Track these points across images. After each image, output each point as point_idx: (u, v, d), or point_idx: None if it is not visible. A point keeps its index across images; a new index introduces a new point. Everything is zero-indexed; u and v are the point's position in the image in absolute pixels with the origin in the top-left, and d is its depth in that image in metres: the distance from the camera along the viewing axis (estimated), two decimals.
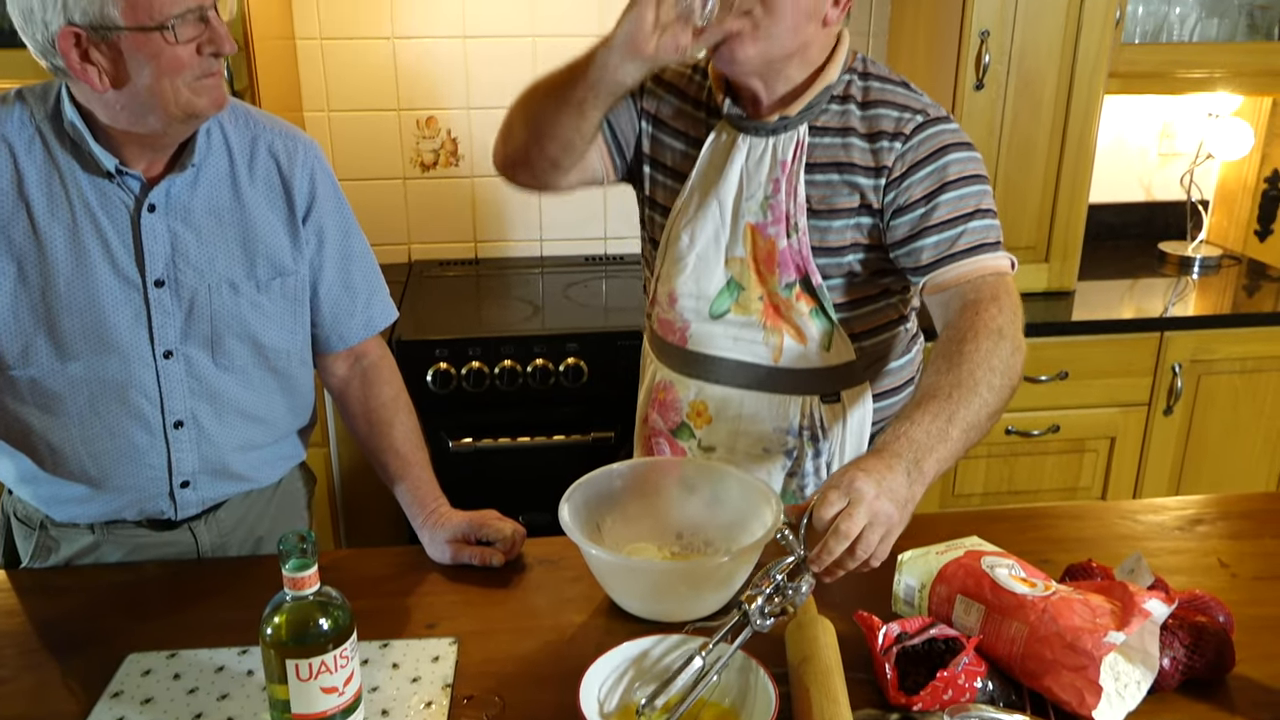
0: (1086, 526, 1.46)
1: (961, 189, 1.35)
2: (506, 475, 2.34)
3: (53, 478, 1.36)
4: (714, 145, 1.46)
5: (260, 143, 1.36)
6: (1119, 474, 2.55)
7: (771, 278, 1.45)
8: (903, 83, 1.43)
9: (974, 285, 1.33)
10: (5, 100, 1.27)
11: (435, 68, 2.66)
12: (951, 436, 1.17)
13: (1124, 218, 3.00)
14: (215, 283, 1.32)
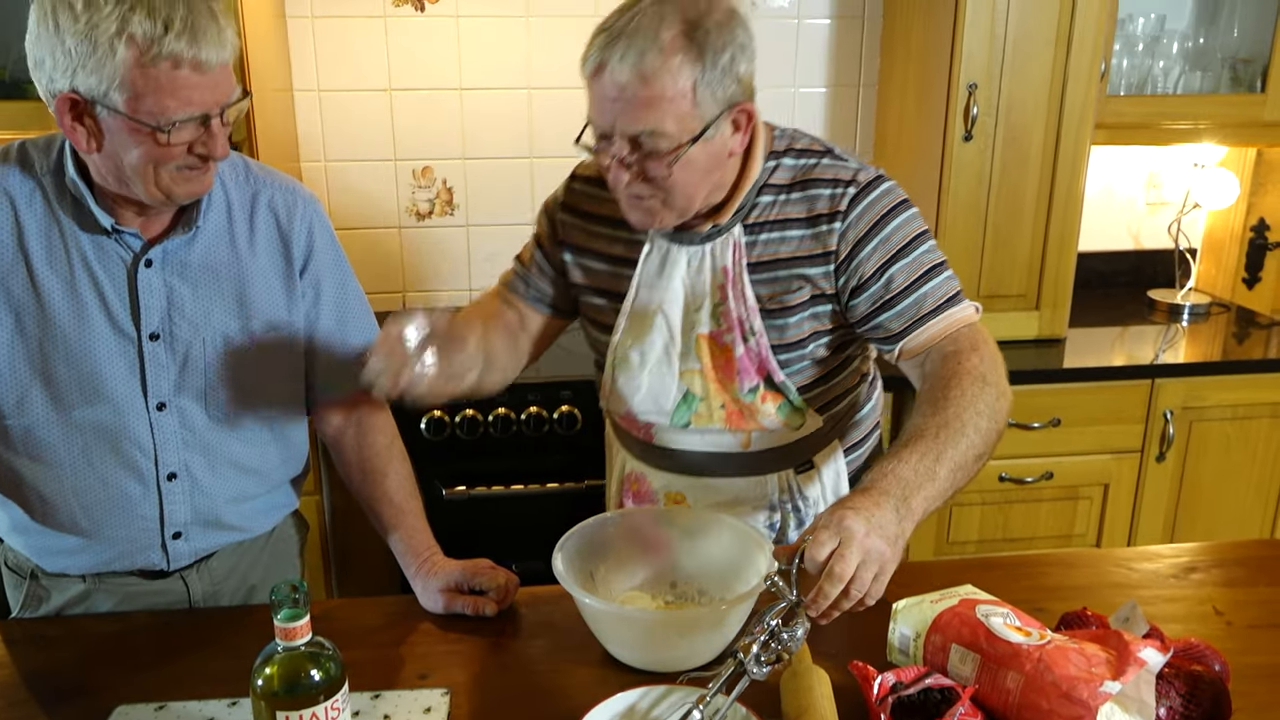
0: (1081, 574, 1.46)
1: (911, 252, 1.34)
2: (500, 523, 2.33)
3: (44, 528, 1.36)
4: (648, 261, 1.42)
5: (260, 198, 1.37)
6: (1113, 521, 2.55)
7: (732, 385, 1.42)
8: (826, 150, 1.39)
9: (951, 339, 1.33)
10: (8, 153, 1.29)
11: (431, 119, 2.69)
12: (939, 475, 1.16)
13: (1113, 266, 3.03)
14: (210, 336, 1.33)
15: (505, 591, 1.36)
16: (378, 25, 2.60)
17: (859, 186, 1.34)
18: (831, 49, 2.77)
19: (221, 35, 1.15)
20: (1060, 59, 2.33)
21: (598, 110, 1.24)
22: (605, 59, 1.20)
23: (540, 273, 1.53)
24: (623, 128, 1.22)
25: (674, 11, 1.20)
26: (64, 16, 1.10)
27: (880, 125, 2.80)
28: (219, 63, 1.16)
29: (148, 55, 1.11)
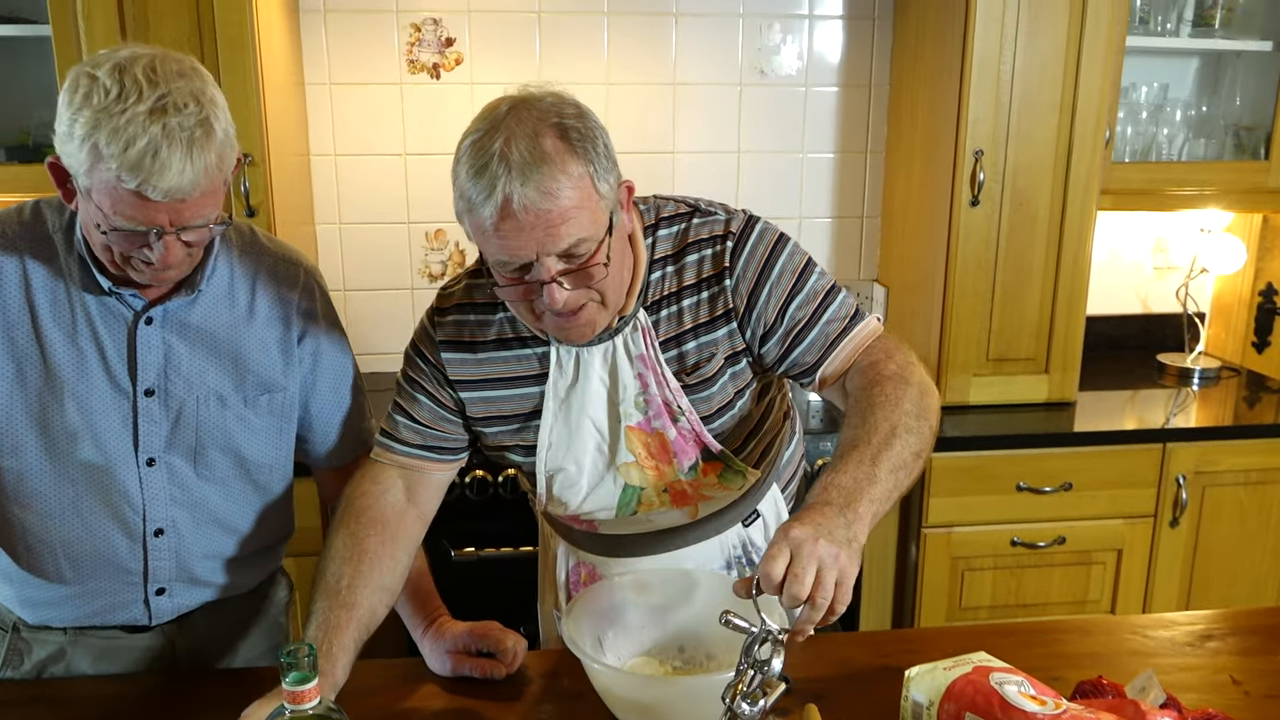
0: (1096, 642, 1.44)
1: (805, 285, 1.33)
2: (509, 585, 2.31)
3: (29, 577, 1.37)
4: (558, 372, 1.36)
5: (263, 266, 1.40)
6: (1127, 586, 2.52)
7: (670, 468, 1.39)
8: (693, 209, 1.36)
9: (866, 353, 1.34)
10: (22, 210, 1.33)
11: (444, 183, 2.69)
12: (879, 477, 1.16)
13: (1122, 329, 3.04)
14: (204, 395, 1.35)
15: (514, 654, 1.36)
16: (394, 92, 2.66)
17: (735, 237, 1.33)
18: (839, 116, 2.81)
19: (191, 167, 1.15)
20: (1065, 126, 2.37)
21: (515, 244, 1.16)
22: (508, 194, 1.13)
23: (435, 421, 1.40)
24: (548, 249, 1.17)
25: (537, 123, 1.16)
26: (69, 97, 1.16)
27: (888, 190, 2.84)
28: (174, 191, 1.15)
29: (99, 163, 1.13)
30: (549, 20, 2.66)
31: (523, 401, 1.38)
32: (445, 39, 2.64)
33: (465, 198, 1.18)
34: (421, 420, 1.40)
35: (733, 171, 2.80)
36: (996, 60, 2.31)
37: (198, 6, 2.09)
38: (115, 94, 1.13)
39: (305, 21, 2.59)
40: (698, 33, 2.71)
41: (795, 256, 1.35)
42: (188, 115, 1.15)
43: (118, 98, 1.13)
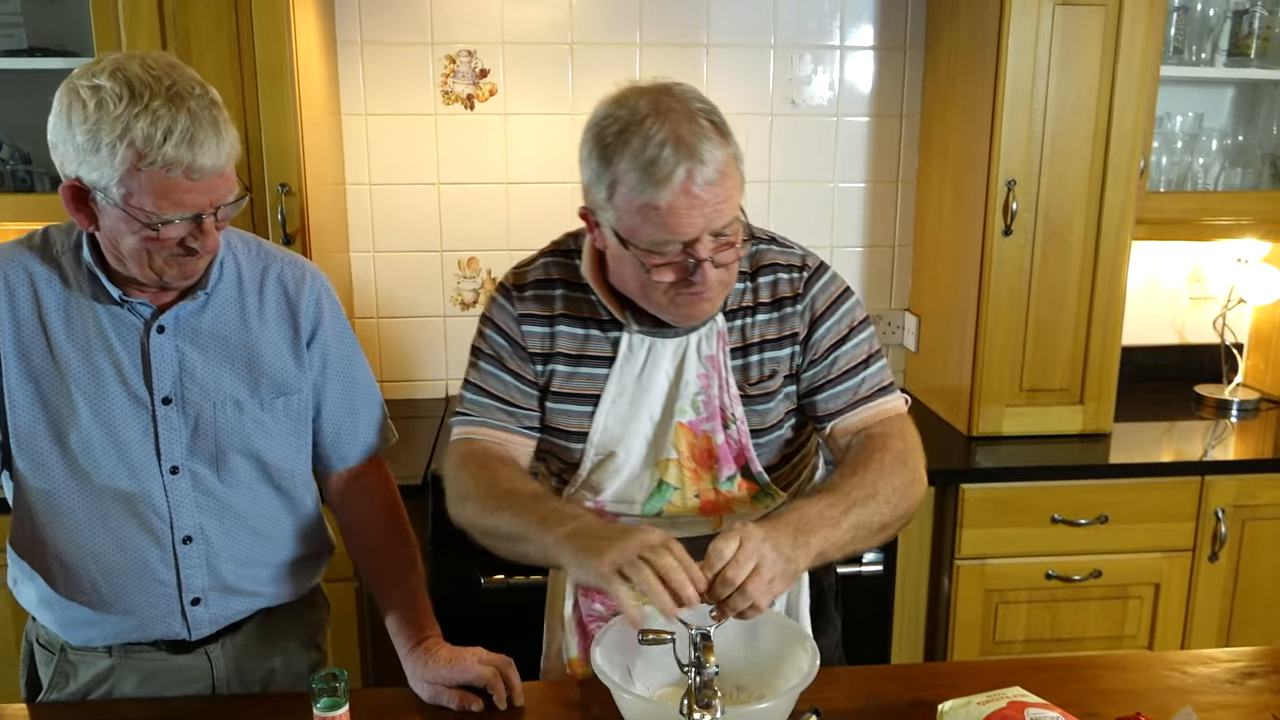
0: (1133, 678, 1.42)
1: (856, 337, 1.41)
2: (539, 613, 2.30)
3: (66, 599, 1.39)
4: (628, 357, 1.39)
5: (270, 271, 1.42)
6: (1165, 622, 2.47)
7: (708, 474, 1.42)
8: (770, 237, 1.44)
9: (880, 424, 1.39)
10: (32, 237, 1.37)
11: (477, 211, 2.76)
12: (841, 526, 1.23)
13: (1158, 360, 3.00)
14: (220, 400, 1.37)
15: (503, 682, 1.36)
16: (429, 122, 2.69)
17: (810, 270, 1.41)
18: (870, 145, 2.82)
19: (220, 144, 1.21)
20: (1099, 155, 2.35)
21: (685, 222, 1.21)
22: (690, 171, 1.19)
23: (522, 399, 1.42)
24: (713, 225, 1.23)
25: (688, 106, 1.24)
26: (76, 113, 1.18)
27: (919, 219, 2.83)
28: (214, 169, 1.21)
29: (144, 160, 1.17)
30: (581, 51, 2.69)
31: (588, 381, 1.41)
32: (479, 70, 2.68)
33: (628, 183, 1.21)
34: (511, 400, 1.43)
35: (764, 201, 2.80)
36: (1029, 90, 2.30)
37: (238, 39, 2.13)
38: (130, 93, 1.17)
39: (342, 53, 2.63)
40: (729, 63, 2.73)
41: (857, 310, 1.43)
42: (200, 97, 1.20)
43: (135, 96, 1.16)
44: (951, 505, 2.37)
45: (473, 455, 1.40)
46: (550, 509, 1.26)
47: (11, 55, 2.32)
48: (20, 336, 1.31)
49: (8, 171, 2.38)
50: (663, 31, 2.69)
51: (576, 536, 1.19)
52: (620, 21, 2.67)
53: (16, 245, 1.36)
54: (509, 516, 1.28)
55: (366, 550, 1.51)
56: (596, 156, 1.25)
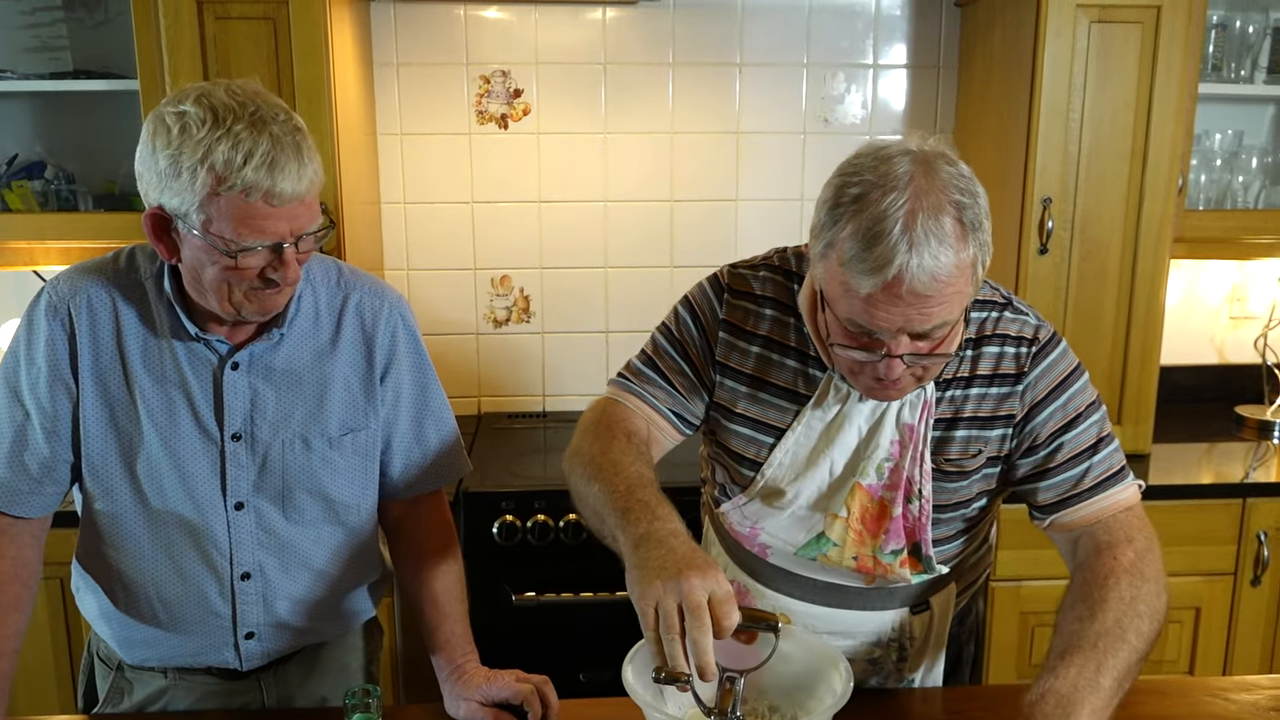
0: (1174, 705, 1.39)
1: (1084, 422, 1.30)
2: (569, 630, 2.30)
3: (126, 617, 1.40)
4: (824, 405, 1.32)
5: (350, 303, 1.41)
6: (1206, 647, 2.42)
7: (874, 541, 1.35)
8: (1006, 302, 1.33)
9: (1105, 525, 1.28)
10: (118, 257, 1.37)
11: (511, 229, 2.78)
12: (1103, 686, 1.11)
13: (1198, 380, 2.96)
14: (289, 438, 1.37)
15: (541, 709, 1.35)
16: (463, 142, 2.72)
17: (1039, 345, 1.30)
18: None
19: (302, 170, 1.19)
20: (1136, 173, 2.33)
21: (882, 317, 1.13)
22: (902, 271, 1.08)
23: (688, 388, 1.38)
24: (913, 328, 1.14)
25: (941, 196, 1.11)
26: (160, 139, 1.18)
27: None
28: (294, 196, 1.19)
29: (224, 184, 1.16)
30: (614, 71, 2.71)
31: (776, 412, 1.35)
32: (513, 90, 2.70)
33: (842, 253, 1.12)
34: (677, 384, 1.38)
35: (796, 220, 2.80)
36: (1065, 108, 2.29)
37: (277, 61, 2.16)
38: (214, 118, 1.17)
39: (379, 74, 2.67)
40: (762, 82, 2.74)
41: (1088, 391, 1.32)
42: (283, 123, 1.19)
43: (218, 121, 1.16)
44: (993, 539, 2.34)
45: (606, 417, 1.34)
46: (638, 501, 1.18)
47: (57, 78, 2.37)
48: (99, 362, 1.32)
49: (52, 191, 2.42)
50: (696, 51, 2.70)
51: (642, 544, 1.12)
52: (653, 41, 2.69)
53: (98, 267, 1.35)
54: (599, 490, 1.22)
55: (416, 572, 1.50)
56: (828, 208, 1.15)
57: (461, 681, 1.40)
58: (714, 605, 1.04)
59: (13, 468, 1.31)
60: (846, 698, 1.17)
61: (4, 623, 1.27)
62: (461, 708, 1.38)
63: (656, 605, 1.05)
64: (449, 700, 1.41)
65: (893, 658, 1.45)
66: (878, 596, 1.41)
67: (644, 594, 1.07)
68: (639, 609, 1.07)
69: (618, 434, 1.31)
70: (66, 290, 1.32)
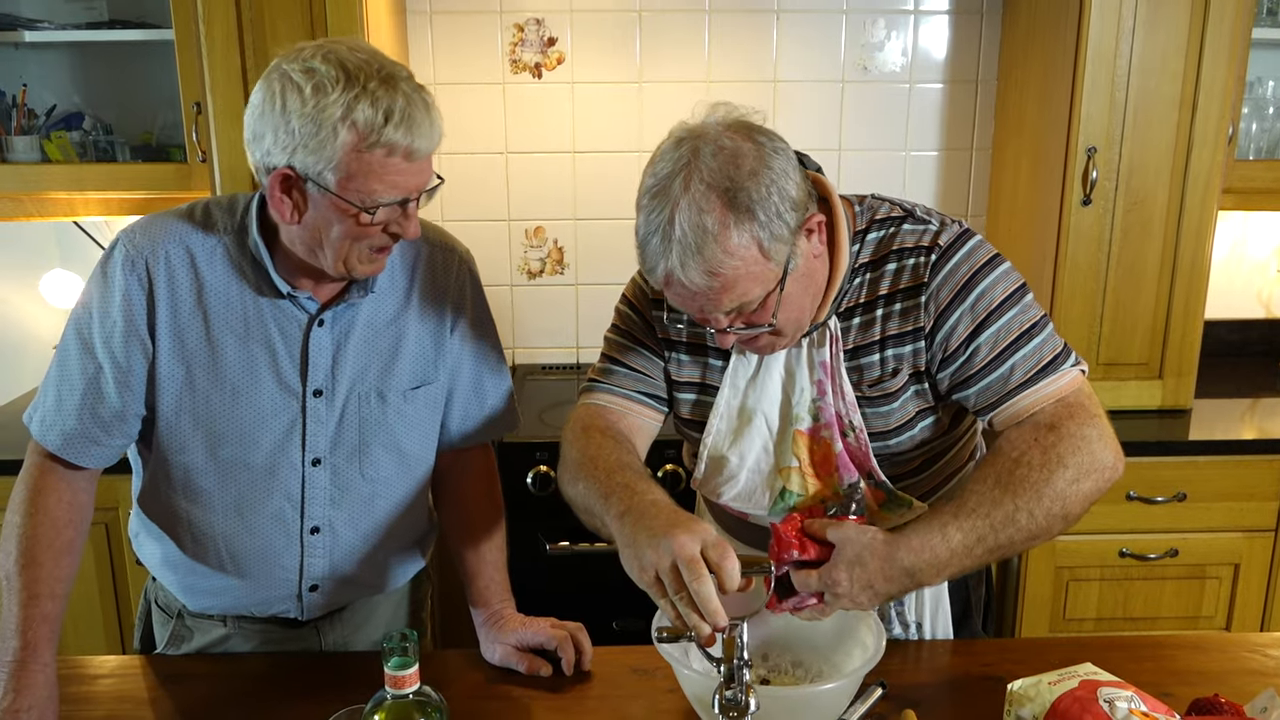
0: (1211, 659, 1.38)
1: (998, 320, 1.25)
2: (603, 579, 2.32)
3: (193, 566, 1.42)
4: (740, 359, 1.36)
5: (421, 257, 1.42)
6: (1244, 603, 2.40)
7: (831, 479, 1.36)
8: (906, 214, 1.31)
9: (1037, 415, 1.24)
10: (193, 211, 1.35)
11: (545, 181, 2.76)
12: (974, 555, 1.17)
13: (1243, 335, 2.90)
14: (365, 392, 1.37)
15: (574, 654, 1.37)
16: (496, 91, 2.70)
17: (940, 251, 1.26)
18: (944, 113, 2.75)
19: (432, 127, 1.21)
20: (1185, 122, 2.27)
21: (680, 303, 1.21)
22: (669, 271, 1.15)
23: (649, 368, 1.42)
24: (712, 311, 1.20)
25: (705, 189, 1.13)
26: (292, 99, 1.17)
27: (994, 189, 2.77)
28: (427, 152, 1.22)
29: (366, 142, 1.17)
30: (650, 19, 2.66)
31: (708, 373, 1.39)
32: (547, 39, 2.67)
33: (638, 247, 1.19)
34: (636, 366, 1.41)
35: (834, 169, 2.76)
36: (1112, 54, 2.22)
37: (310, 9, 2.15)
38: (346, 76, 1.16)
39: (412, 23, 2.65)
40: (799, 30, 2.68)
41: (1001, 284, 1.26)
42: (408, 80, 1.20)
43: (351, 79, 1.16)
44: None
45: (580, 423, 1.38)
46: (617, 484, 1.21)
47: (93, 28, 2.37)
48: (177, 318, 1.31)
49: (91, 142, 2.44)
50: None
51: (625, 520, 1.14)
52: None
53: (175, 221, 1.33)
54: (585, 486, 1.26)
55: (459, 520, 1.52)
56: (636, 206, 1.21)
57: (498, 626, 1.43)
58: (708, 554, 1.06)
59: (82, 419, 1.32)
60: (880, 654, 1.18)
61: (57, 565, 1.29)
62: (497, 651, 1.40)
63: (656, 573, 1.07)
64: (485, 645, 1.43)
65: (893, 603, 1.46)
66: None
67: (640, 566, 1.09)
68: (639, 582, 1.10)
69: (593, 432, 1.35)
70: (145, 244, 1.30)
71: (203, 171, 2.29)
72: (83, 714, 1.29)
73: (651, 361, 1.41)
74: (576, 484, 1.28)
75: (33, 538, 1.29)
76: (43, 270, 2.65)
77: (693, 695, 1.21)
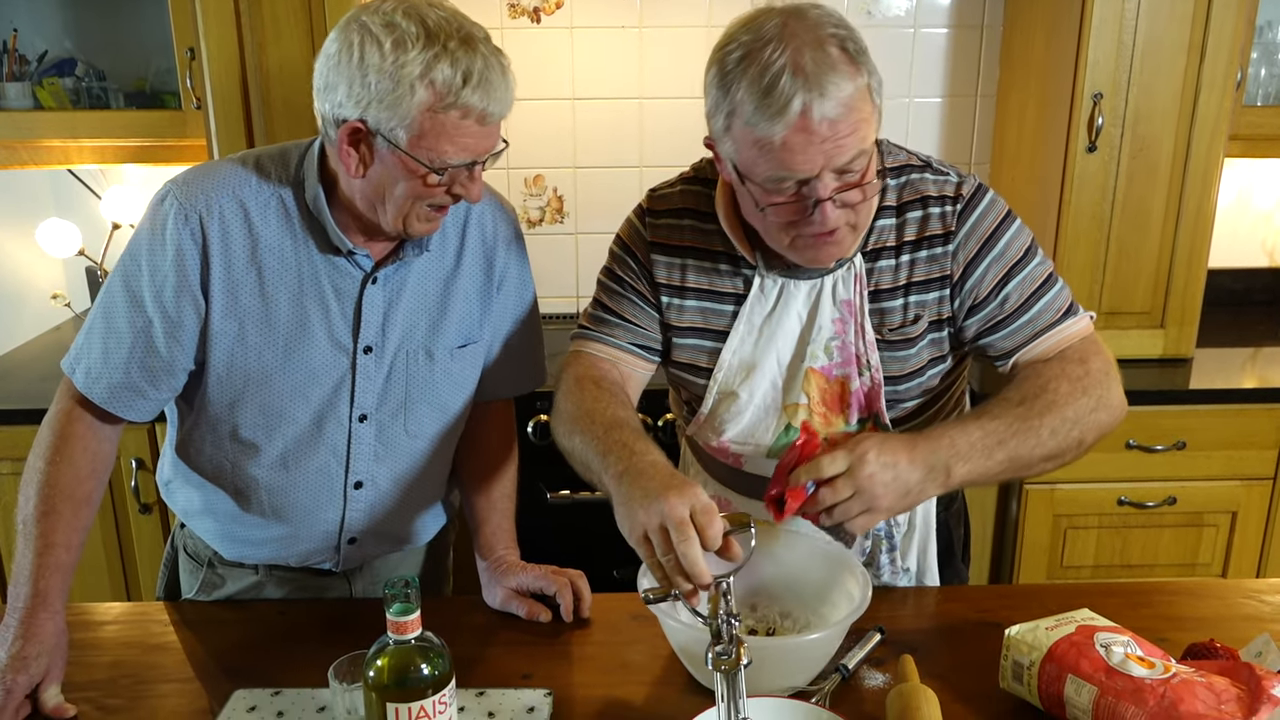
0: (1207, 605, 1.40)
1: (1026, 266, 1.31)
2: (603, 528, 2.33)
3: (234, 516, 1.42)
4: (758, 298, 1.35)
5: (472, 214, 1.40)
6: (1241, 551, 2.42)
7: (838, 419, 1.37)
8: (925, 164, 1.33)
9: (1065, 352, 1.30)
10: (245, 162, 1.32)
11: (544, 128, 2.73)
12: (994, 459, 1.18)
13: (1246, 283, 2.89)
14: (413, 350, 1.37)
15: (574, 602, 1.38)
16: (494, 36, 2.63)
17: (964, 201, 1.30)
18: (949, 58, 2.72)
19: (507, 92, 1.20)
20: (1193, 67, 2.24)
21: (802, 158, 1.14)
22: (807, 104, 1.11)
23: (642, 318, 1.41)
24: (834, 162, 1.15)
25: (816, 33, 1.14)
26: (371, 52, 1.15)
27: (999, 136, 2.74)
28: (501, 116, 1.20)
29: (442, 102, 1.15)
30: None
31: (716, 318, 1.38)
32: None
33: (744, 114, 1.14)
34: (628, 316, 1.40)
35: None
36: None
37: None
38: (427, 34, 1.15)
39: None
40: None
41: (1021, 236, 1.32)
42: (485, 42, 1.20)
43: (431, 37, 1.15)
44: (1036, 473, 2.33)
45: (575, 371, 1.37)
46: (615, 442, 1.21)
47: None
48: (231, 275, 1.29)
49: (84, 89, 2.41)
50: None
51: (623, 480, 1.14)
52: None
53: (228, 172, 1.30)
54: (581, 441, 1.26)
55: (475, 467, 1.53)
56: (717, 84, 1.17)
57: (500, 571, 1.44)
58: (696, 517, 1.07)
59: (130, 373, 1.30)
60: (865, 604, 1.18)
61: (76, 516, 1.29)
62: (498, 595, 1.41)
63: (644, 533, 1.08)
64: (486, 589, 1.44)
65: (884, 548, 1.47)
66: None
67: (631, 526, 1.11)
68: (631, 541, 1.11)
69: (587, 384, 1.34)
70: (199, 197, 1.27)
71: (197, 118, 2.26)
72: (89, 659, 1.30)
73: (644, 311, 1.40)
74: (573, 437, 1.29)
75: (54, 485, 1.28)
76: (38, 219, 2.63)
77: (679, 647, 1.22)
